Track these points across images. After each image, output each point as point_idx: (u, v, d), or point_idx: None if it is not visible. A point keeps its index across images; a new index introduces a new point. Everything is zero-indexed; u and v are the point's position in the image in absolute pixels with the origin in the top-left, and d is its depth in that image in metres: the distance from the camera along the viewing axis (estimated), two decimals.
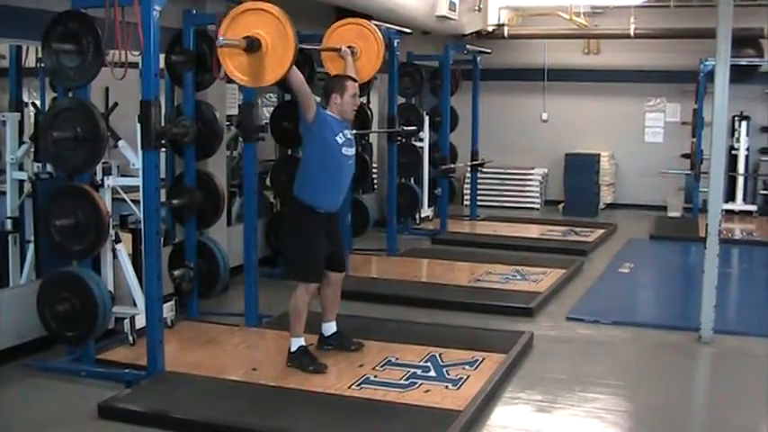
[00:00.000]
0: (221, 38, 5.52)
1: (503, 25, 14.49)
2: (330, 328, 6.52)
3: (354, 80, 6.40)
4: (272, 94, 11.24)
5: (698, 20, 12.92)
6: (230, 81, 8.30)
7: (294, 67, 5.66)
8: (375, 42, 7.22)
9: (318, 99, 6.21)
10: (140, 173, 6.13)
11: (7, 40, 7.09)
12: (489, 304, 8.15)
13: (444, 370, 6.07)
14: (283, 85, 6.16)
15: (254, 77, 5.70)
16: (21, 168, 7.41)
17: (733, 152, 14.21)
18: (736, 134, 14.27)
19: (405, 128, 11.03)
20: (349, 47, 7.07)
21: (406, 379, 5.88)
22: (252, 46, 5.52)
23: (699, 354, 7.12)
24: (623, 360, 6.97)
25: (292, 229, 6.29)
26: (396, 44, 10.29)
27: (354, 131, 6.28)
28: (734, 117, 14.01)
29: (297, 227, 6.18)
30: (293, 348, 6.09)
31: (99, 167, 6.39)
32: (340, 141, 6.08)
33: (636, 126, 15.60)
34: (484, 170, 14.22)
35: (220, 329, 7.12)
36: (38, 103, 8.17)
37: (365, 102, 11.29)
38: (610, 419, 5.56)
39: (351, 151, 6.19)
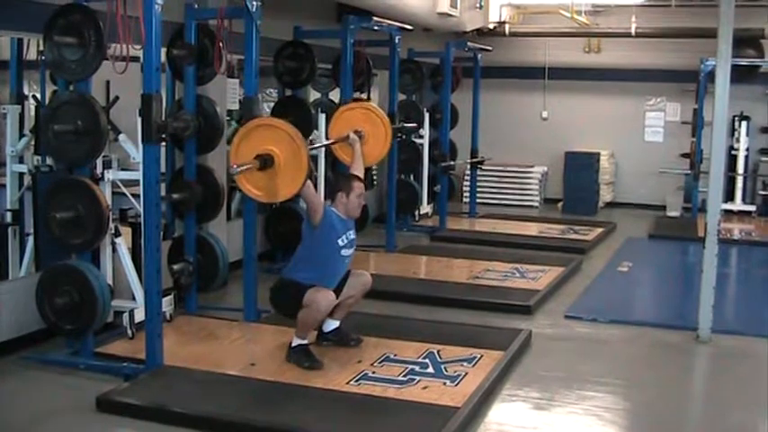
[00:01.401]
0: (235, 167, 5.67)
1: (504, 23, 14.47)
2: (332, 324, 6.53)
3: (361, 180, 6.52)
4: (272, 90, 11.24)
5: (699, 19, 12.93)
6: (231, 76, 8.37)
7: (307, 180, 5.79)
8: (382, 126, 7.34)
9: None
10: (140, 167, 6.13)
11: (9, 32, 7.08)
12: (488, 302, 8.16)
13: (442, 367, 6.08)
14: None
15: (270, 193, 5.90)
16: (21, 161, 7.41)
17: (733, 152, 14.20)
18: (736, 134, 14.27)
19: (405, 125, 11.01)
20: (356, 131, 7.12)
21: (405, 375, 5.89)
22: (265, 164, 5.70)
23: (696, 353, 7.13)
24: (621, 359, 6.98)
25: (281, 299, 6.31)
26: (397, 41, 10.30)
27: (354, 233, 6.39)
28: (734, 117, 14.01)
29: (284, 295, 6.23)
30: (294, 344, 6.10)
31: (99, 161, 6.39)
32: (341, 244, 6.20)
33: (636, 125, 15.60)
34: (483, 168, 14.19)
35: (219, 324, 7.13)
36: (38, 95, 8.16)
37: (366, 98, 11.28)
38: (607, 417, 5.57)
39: (349, 252, 6.31)
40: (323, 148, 8.82)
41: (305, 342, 6.12)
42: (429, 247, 11.43)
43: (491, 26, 14.13)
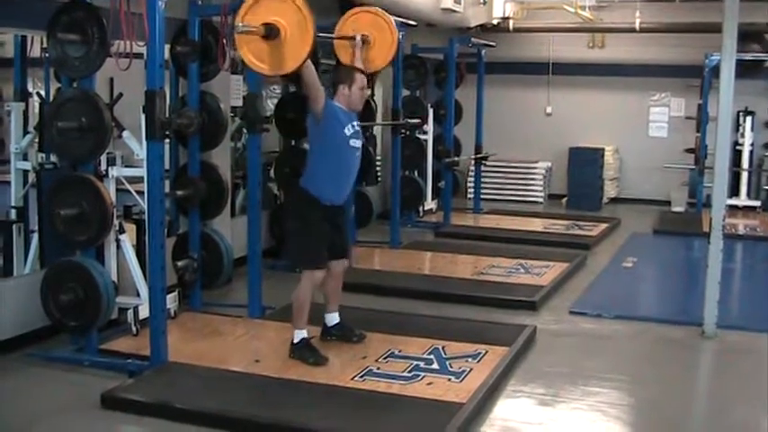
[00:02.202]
0: (240, 24, 5.50)
1: (508, 18, 14.45)
2: (333, 318, 6.53)
3: (363, 72, 6.40)
4: (276, 87, 11.24)
5: (704, 14, 12.89)
6: (235, 72, 8.36)
7: (309, 60, 5.65)
8: (389, 32, 7.20)
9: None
10: (145, 163, 6.12)
11: (12, 29, 7.08)
12: (492, 297, 8.16)
13: (447, 363, 6.08)
14: (294, 77, 6.12)
15: (272, 65, 5.67)
16: (25, 158, 7.42)
17: (737, 147, 14.21)
18: (741, 129, 14.27)
19: (409, 120, 11.03)
20: (363, 36, 7.03)
21: (409, 371, 5.89)
22: (270, 33, 5.50)
23: (702, 349, 7.12)
24: (626, 354, 6.97)
25: (295, 219, 6.28)
26: (401, 36, 10.27)
27: (358, 124, 6.29)
28: (739, 112, 14.01)
29: (300, 217, 6.19)
30: (296, 340, 6.10)
31: (103, 158, 6.40)
32: (348, 133, 6.10)
33: (640, 120, 15.58)
34: (488, 163, 14.21)
35: (223, 320, 7.13)
36: (42, 93, 8.16)
37: (370, 94, 11.27)
38: (612, 413, 5.56)
39: (358, 143, 6.21)
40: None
41: (305, 335, 6.12)
42: (433, 243, 11.43)
43: (495, 22, 14.11)
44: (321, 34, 6.32)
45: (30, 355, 6.22)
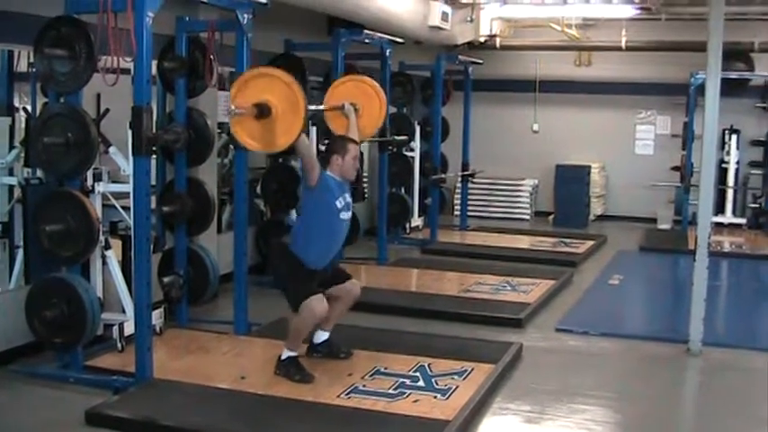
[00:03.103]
0: (233, 108, 5.61)
1: (495, 36, 14.50)
2: (322, 336, 6.52)
3: (356, 143, 6.48)
4: None
5: (689, 33, 12.96)
6: (222, 88, 8.37)
7: (302, 134, 5.75)
8: (377, 100, 7.22)
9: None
10: (131, 179, 6.12)
11: None
12: (479, 314, 8.15)
13: (433, 380, 6.06)
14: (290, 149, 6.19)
15: (266, 143, 5.82)
16: (11, 173, 7.40)
17: (723, 165, 14.25)
18: (727, 147, 14.31)
19: (396, 137, 11.03)
20: (351, 104, 7.05)
21: (395, 388, 5.87)
22: (262, 113, 5.61)
23: (687, 366, 7.13)
24: (612, 372, 6.97)
25: (282, 273, 6.30)
26: (388, 54, 10.32)
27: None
28: (724, 130, 14.06)
29: (286, 272, 6.21)
30: (283, 357, 6.08)
31: (90, 173, 6.37)
32: (339, 206, 6.16)
33: (626, 138, 15.63)
34: (474, 180, 14.23)
35: (209, 337, 7.11)
36: (29, 107, 8.15)
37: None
38: (598, 431, 5.56)
39: (347, 215, 6.27)
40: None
41: (294, 354, 6.10)
42: (420, 259, 11.43)
43: (482, 39, 14.16)
44: (311, 107, 6.39)
45: (14, 372, 6.18)
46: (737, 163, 14.41)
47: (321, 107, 7.17)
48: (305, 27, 10.27)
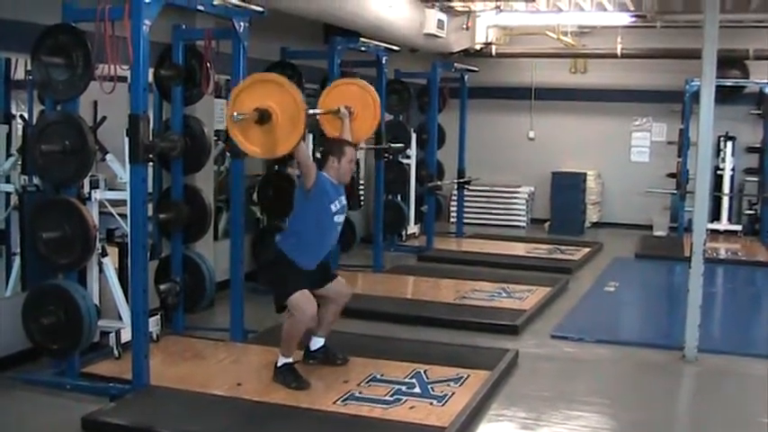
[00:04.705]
0: (236, 113, 5.63)
1: (490, 44, 14.56)
2: (318, 342, 6.52)
3: (353, 145, 6.49)
4: None
5: (684, 40, 13.00)
6: (219, 96, 8.38)
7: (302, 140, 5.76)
8: (371, 103, 7.23)
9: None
10: (128, 187, 6.12)
11: None
12: (474, 321, 8.16)
13: (429, 386, 6.07)
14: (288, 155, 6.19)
15: (266, 149, 5.84)
16: (8, 181, 7.39)
17: (718, 172, 14.28)
18: (722, 154, 14.37)
19: (392, 145, 11.04)
20: (346, 107, 7.06)
21: (391, 395, 5.88)
22: (263, 117, 5.63)
23: (683, 372, 7.15)
24: (608, 378, 6.99)
25: (272, 273, 6.33)
26: (384, 61, 10.34)
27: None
28: (719, 137, 14.11)
29: (276, 272, 6.24)
30: (279, 363, 6.09)
31: (86, 181, 6.38)
32: (333, 210, 6.18)
33: (622, 145, 15.66)
34: (470, 188, 14.27)
35: (206, 344, 7.12)
36: (26, 115, 8.14)
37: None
38: None
39: (341, 218, 6.30)
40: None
41: (290, 361, 6.11)
42: (416, 267, 11.44)
43: (478, 47, 14.21)
44: (309, 112, 6.39)
45: (11, 379, 6.18)
46: (733, 170, 14.45)
47: (317, 111, 7.18)
48: (301, 35, 10.29)
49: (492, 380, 6.29)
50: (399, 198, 12.72)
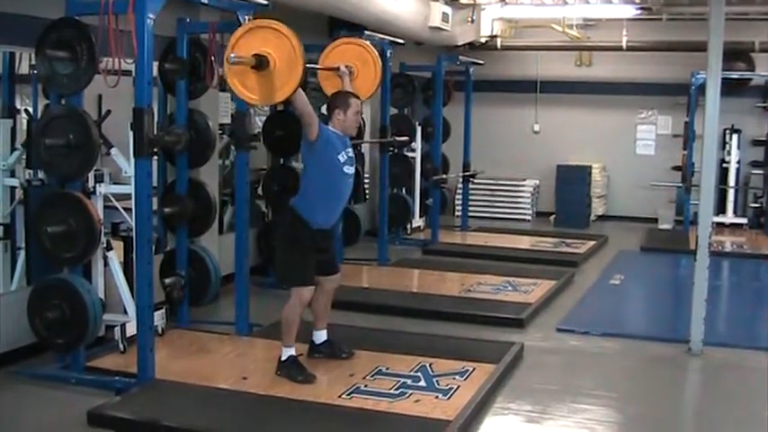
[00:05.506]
0: (233, 55, 5.52)
1: (495, 37, 14.51)
2: (321, 336, 6.53)
3: (358, 97, 6.43)
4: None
5: (690, 33, 12.98)
6: (223, 89, 8.38)
7: (299, 88, 5.68)
8: (372, 63, 7.16)
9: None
10: (132, 180, 6.13)
11: (1, 46, 7.08)
12: (480, 315, 8.16)
13: (434, 380, 6.07)
14: (287, 104, 6.12)
15: (263, 96, 5.73)
16: (12, 175, 7.41)
17: (724, 165, 14.24)
18: (728, 147, 14.32)
19: (397, 138, 11.04)
20: (347, 66, 7.02)
21: (397, 389, 5.88)
22: (261, 63, 5.53)
23: (688, 365, 7.14)
24: (613, 371, 6.98)
25: (284, 238, 6.28)
26: (389, 54, 10.32)
27: (352, 149, 6.32)
28: (725, 130, 14.06)
29: (289, 236, 6.19)
30: (283, 357, 6.09)
31: (91, 175, 6.39)
32: (342, 160, 6.11)
33: (627, 138, 15.64)
34: (475, 181, 14.24)
35: (211, 338, 7.12)
36: (30, 109, 8.16)
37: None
38: (600, 431, 5.57)
39: (351, 170, 6.22)
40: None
41: (294, 353, 6.11)
42: (421, 260, 11.43)
43: (483, 40, 14.17)
44: (308, 65, 6.34)
45: (16, 373, 6.19)
46: (738, 163, 14.41)
47: (317, 66, 7.14)
48: (306, 28, 10.22)
49: (497, 373, 6.28)
50: (404, 191, 12.72)
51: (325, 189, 6.11)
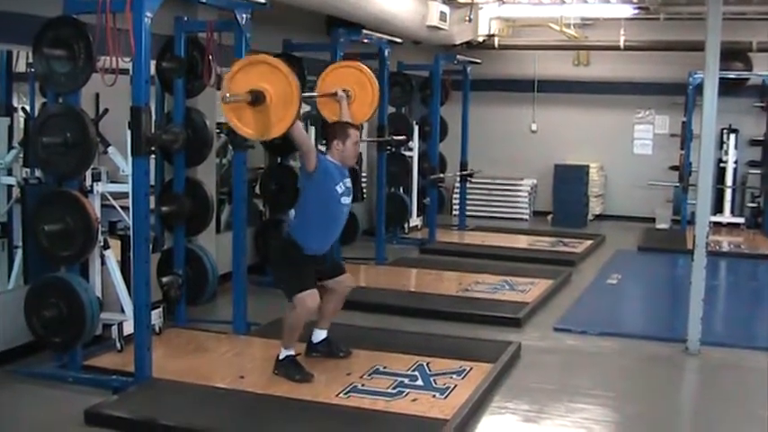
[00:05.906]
0: (228, 95, 5.56)
1: (493, 36, 14.52)
2: (320, 335, 6.52)
3: (356, 128, 6.44)
4: None
5: (687, 33, 12.97)
6: (220, 88, 8.36)
7: (297, 121, 5.71)
8: (370, 87, 7.18)
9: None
10: (130, 179, 6.12)
11: None
12: (477, 314, 8.16)
13: (432, 379, 6.07)
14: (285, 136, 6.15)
15: (259, 130, 5.76)
16: (9, 173, 7.39)
17: (721, 165, 14.25)
18: (725, 147, 14.32)
19: (394, 137, 11.04)
20: (344, 90, 7.02)
21: (394, 388, 5.88)
22: (257, 99, 5.57)
23: (685, 365, 7.14)
24: (610, 371, 6.98)
25: (280, 261, 6.33)
26: (386, 53, 10.32)
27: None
28: (722, 130, 14.07)
29: (284, 259, 6.23)
30: (281, 356, 6.08)
31: (88, 173, 6.38)
32: (339, 191, 6.14)
33: (625, 138, 15.64)
34: (473, 180, 14.24)
35: (208, 337, 7.12)
36: (27, 108, 8.14)
37: None
38: (597, 430, 5.57)
39: (348, 200, 6.25)
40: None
41: (292, 353, 6.11)
42: (418, 259, 11.43)
43: (480, 39, 14.18)
44: (304, 94, 6.36)
45: (13, 372, 6.19)
46: (736, 162, 14.41)
47: (314, 94, 7.15)
48: (303, 27, 10.27)
49: (494, 372, 6.28)
50: (402, 190, 12.71)
51: (322, 218, 6.16)
